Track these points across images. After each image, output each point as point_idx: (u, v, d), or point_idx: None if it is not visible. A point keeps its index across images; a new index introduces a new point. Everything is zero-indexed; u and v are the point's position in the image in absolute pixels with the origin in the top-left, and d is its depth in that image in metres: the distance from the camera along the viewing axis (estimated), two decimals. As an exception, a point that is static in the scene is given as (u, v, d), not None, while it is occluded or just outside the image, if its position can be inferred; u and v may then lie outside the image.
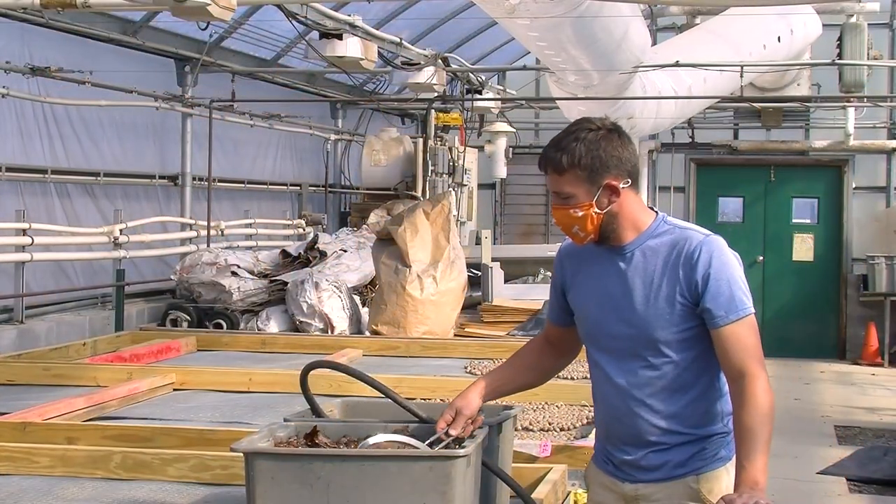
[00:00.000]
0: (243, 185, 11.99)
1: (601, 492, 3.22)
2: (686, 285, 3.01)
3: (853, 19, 12.68)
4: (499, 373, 3.30)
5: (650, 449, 3.07)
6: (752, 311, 3.02)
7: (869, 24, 12.99)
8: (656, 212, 3.17)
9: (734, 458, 2.97)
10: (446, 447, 2.88)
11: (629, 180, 3.08)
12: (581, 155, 3.03)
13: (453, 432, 2.97)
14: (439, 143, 13.02)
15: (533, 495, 3.11)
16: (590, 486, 3.33)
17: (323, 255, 9.61)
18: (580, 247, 3.19)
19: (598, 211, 3.05)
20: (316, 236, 10.29)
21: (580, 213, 3.06)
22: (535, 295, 9.98)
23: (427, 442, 2.86)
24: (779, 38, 12.22)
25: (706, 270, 3.00)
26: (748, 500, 2.75)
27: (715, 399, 3.09)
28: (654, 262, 3.07)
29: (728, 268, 3.02)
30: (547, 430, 4.50)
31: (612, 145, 3.06)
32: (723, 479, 2.98)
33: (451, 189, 12.68)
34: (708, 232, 3.10)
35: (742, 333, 2.99)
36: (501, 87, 14.02)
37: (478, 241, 11.18)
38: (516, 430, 3.83)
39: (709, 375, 3.07)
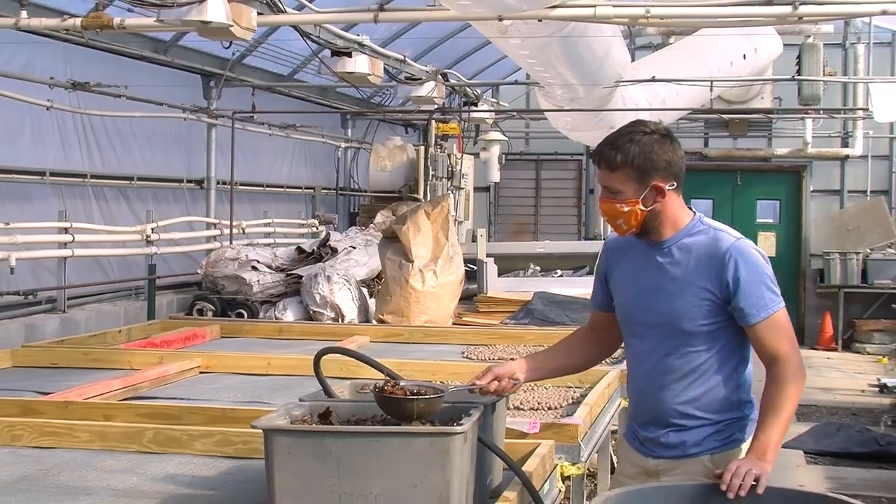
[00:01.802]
0: (262, 189, 11.98)
1: (627, 465, 3.22)
2: (717, 284, 2.97)
3: (810, 40, 12.70)
4: (541, 354, 3.28)
5: (670, 428, 3.06)
6: (782, 305, 2.99)
7: (824, 44, 13.02)
8: (694, 212, 3.11)
9: (748, 441, 2.97)
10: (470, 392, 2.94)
11: (675, 183, 3.03)
12: (634, 156, 2.97)
13: (478, 382, 2.98)
14: (439, 150, 13.01)
15: (523, 468, 3.10)
16: (619, 460, 3.33)
17: (334, 251, 9.59)
18: (624, 240, 3.16)
19: (643, 208, 3.00)
20: (328, 234, 10.28)
21: (626, 209, 3.00)
22: (526, 287, 9.98)
23: (452, 388, 2.88)
24: (744, 56, 12.22)
25: (736, 272, 2.95)
26: (743, 467, 2.75)
27: (733, 388, 3.06)
28: (688, 259, 3.03)
29: (758, 268, 2.98)
30: (536, 410, 4.48)
31: (663, 149, 3.00)
32: (735, 459, 2.96)
33: (449, 192, 12.68)
34: (739, 234, 3.06)
35: (773, 327, 2.97)
36: (495, 100, 14.02)
37: (474, 239, 11.16)
38: (508, 409, 3.82)
39: (729, 366, 3.04)
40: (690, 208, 3.13)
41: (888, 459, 8.27)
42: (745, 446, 3.02)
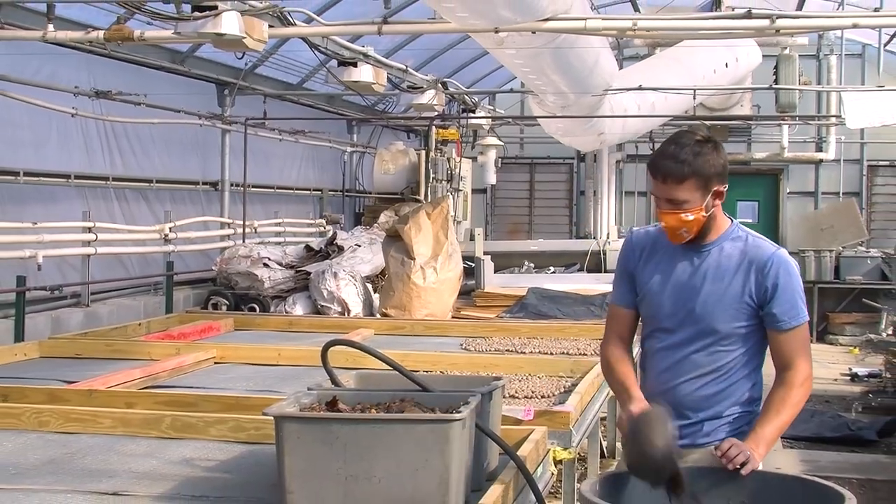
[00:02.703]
0: (273, 190, 11.98)
1: None
2: (755, 289, 2.95)
3: (787, 51, 12.69)
4: (635, 383, 3.07)
5: (684, 420, 3.01)
6: (808, 317, 2.99)
7: (800, 56, 13.02)
8: (731, 219, 3.09)
9: None
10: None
11: (727, 185, 3.01)
12: (699, 165, 2.93)
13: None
14: (439, 154, 13.00)
15: (518, 453, 3.10)
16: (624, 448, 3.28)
17: (341, 249, 9.60)
18: (650, 238, 3.11)
19: (705, 214, 2.97)
20: (335, 233, 10.28)
21: (691, 217, 2.95)
22: (521, 283, 9.99)
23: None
24: (726, 65, 12.21)
25: (776, 279, 2.94)
26: (734, 449, 2.76)
27: (749, 387, 3.04)
28: (727, 263, 2.99)
29: (795, 279, 2.99)
30: (530, 398, 4.49)
31: (718, 154, 2.97)
32: None
33: (449, 193, 12.67)
34: (777, 245, 3.06)
35: (797, 336, 2.97)
36: (492, 107, 14.00)
37: (471, 238, 11.18)
38: (504, 397, 3.83)
39: (750, 367, 3.02)
40: (726, 214, 3.10)
41: (859, 443, 8.28)
42: None
